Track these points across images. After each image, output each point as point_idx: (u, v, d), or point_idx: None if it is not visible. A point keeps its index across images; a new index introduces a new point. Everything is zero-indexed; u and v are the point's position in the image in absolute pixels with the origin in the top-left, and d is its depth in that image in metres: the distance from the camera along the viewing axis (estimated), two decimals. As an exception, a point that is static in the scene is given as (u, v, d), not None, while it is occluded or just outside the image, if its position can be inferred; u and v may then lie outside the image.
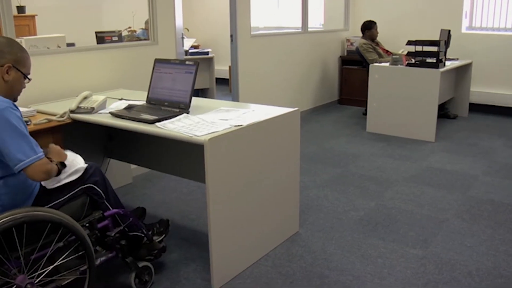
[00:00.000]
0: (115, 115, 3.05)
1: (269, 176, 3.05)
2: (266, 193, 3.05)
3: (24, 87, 2.48)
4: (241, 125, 2.72)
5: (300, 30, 7.05)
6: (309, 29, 7.14)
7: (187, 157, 3.41)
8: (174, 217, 3.71)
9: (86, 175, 2.54)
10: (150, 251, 2.85)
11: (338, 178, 4.52)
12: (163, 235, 2.98)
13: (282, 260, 3.07)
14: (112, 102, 3.42)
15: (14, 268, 2.15)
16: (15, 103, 2.34)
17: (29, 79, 2.47)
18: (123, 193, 4.19)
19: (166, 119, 2.85)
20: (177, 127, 2.70)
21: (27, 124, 3.01)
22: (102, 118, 3.06)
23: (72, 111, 3.18)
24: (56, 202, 2.41)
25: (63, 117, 3.15)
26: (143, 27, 5.99)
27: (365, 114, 6.61)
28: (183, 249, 3.22)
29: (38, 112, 3.32)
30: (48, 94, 3.74)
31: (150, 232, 2.90)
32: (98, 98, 3.27)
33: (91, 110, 3.16)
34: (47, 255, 2.25)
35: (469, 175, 4.54)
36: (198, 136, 2.53)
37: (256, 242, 3.05)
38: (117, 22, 6.62)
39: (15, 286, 2.14)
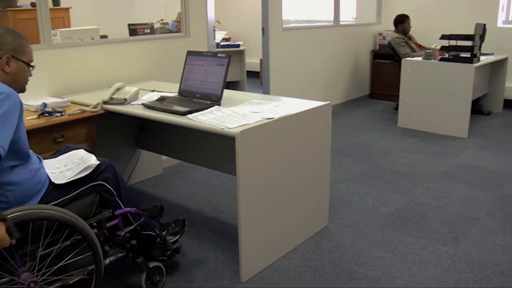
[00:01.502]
0: (147, 106, 3.08)
1: (300, 169, 3.04)
2: (296, 186, 3.05)
3: (30, 75, 2.39)
4: (272, 118, 2.72)
5: (332, 24, 7.00)
6: (341, 23, 7.08)
7: (217, 149, 3.43)
8: (203, 209, 3.74)
9: (96, 172, 2.44)
10: (163, 251, 2.77)
11: (369, 172, 4.49)
12: (178, 235, 2.88)
13: (311, 254, 3.07)
14: (144, 94, 3.45)
15: (19, 266, 2.11)
16: (24, 93, 2.33)
17: (32, 67, 2.37)
18: (153, 184, 4.24)
19: (197, 111, 2.87)
20: (208, 119, 2.72)
21: (61, 114, 3.07)
22: (135, 109, 3.10)
23: (105, 102, 3.22)
24: (63, 199, 2.34)
25: (96, 107, 3.20)
26: (175, 20, 6.02)
27: (396, 109, 6.54)
28: (212, 240, 3.25)
29: (72, 102, 3.38)
30: (81, 85, 3.80)
31: (164, 232, 2.83)
32: (130, 89, 3.30)
33: (124, 101, 3.20)
34: (53, 253, 2.22)
35: (502, 173, 4.45)
36: (229, 128, 2.54)
37: (285, 235, 3.05)
38: (150, 14, 6.69)
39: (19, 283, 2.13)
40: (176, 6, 4.90)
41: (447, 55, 5.66)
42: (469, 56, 5.46)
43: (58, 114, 3.06)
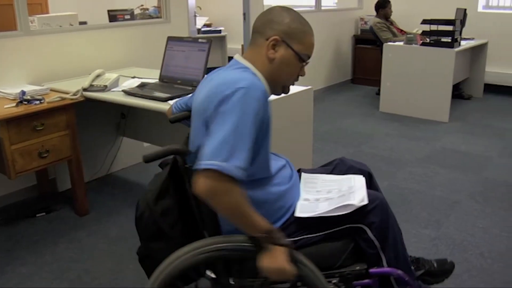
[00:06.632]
0: (128, 93, 3.04)
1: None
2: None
3: (302, 75, 1.87)
4: (254, 104, 2.69)
5: (313, 9, 6.98)
6: (322, 7, 7.06)
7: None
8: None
9: (361, 212, 1.76)
10: None
11: (351, 157, 4.42)
12: None
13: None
14: (124, 80, 3.41)
15: None
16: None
17: (305, 62, 1.84)
18: (136, 172, 4.21)
19: (179, 97, 2.83)
20: (190, 105, 2.69)
21: (40, 102, 3.02)
22: (115, 96, 3.07)
23: (85, 89, 3.19)
24: (302, 237, 1.77)
25: (76, 95, 3.16)
26: (156, 5, 5.95)
27: (378, 93, 6.56)
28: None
29: (51, 90, 3.33)
30: (61, 72, 3.74)
31: None
32: (111, 76, 3.27)
33: (104, 88, 3.17)
34: None
35: (483, 157, 4.50)
36: (211, 114, 2.51)
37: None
38: (130, 0, 6.59)
39: None
40: (156, -9, 4.84)
41: (428, 40, 5.67)
42: (450, 41, 5.49)
43: (37, 102, 3.01)
